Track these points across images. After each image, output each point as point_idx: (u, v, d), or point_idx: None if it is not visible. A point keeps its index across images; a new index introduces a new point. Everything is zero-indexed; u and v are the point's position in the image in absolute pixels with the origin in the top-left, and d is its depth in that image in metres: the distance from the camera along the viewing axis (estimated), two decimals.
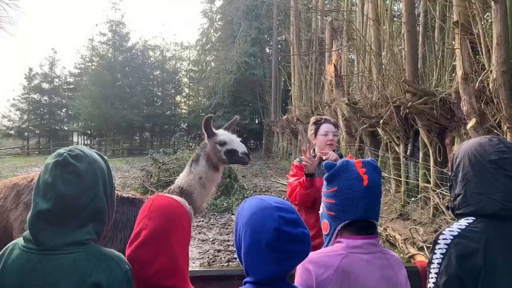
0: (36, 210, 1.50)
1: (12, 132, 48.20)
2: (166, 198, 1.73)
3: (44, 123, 48.99)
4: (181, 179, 3.81)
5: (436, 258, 1.72)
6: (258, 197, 1.57)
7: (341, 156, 3.63)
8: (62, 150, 1.58)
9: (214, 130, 3.83)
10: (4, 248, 1.57)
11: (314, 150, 3.67)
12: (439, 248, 1.72)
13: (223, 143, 3.74)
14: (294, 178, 3.60)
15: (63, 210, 1.49)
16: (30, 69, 48.95)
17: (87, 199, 1.53)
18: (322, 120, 3.69)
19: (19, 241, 1.56)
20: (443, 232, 1.75)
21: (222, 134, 3.84)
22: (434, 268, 1.72)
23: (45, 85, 49.76)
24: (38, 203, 1.50)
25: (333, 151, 3.62)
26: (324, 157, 3.46)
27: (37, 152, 46.97)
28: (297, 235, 1.44)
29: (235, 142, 3.78)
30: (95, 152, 1.66)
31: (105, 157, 1.70)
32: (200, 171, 3.74)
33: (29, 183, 3.80)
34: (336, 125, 3.72)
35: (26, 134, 48.43)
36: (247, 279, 1.49)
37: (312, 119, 3.79)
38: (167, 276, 1.55)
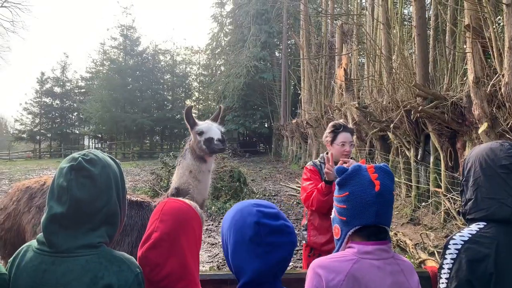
0: (51, 213, 1.52)
1: (24, 135, 48.89)
2: (178, 201, 1.74)
3: (55, 127, 49.58)
4: (174, 180, 3.77)
5: (447, 263, 1.71)
6: (237, 203, 1.63)
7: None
8: (76, 155, 1.59)
9: (196, 121, 3.77)
10: (18, 250, 1.60)
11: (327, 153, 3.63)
12: (449, 253, 1.72)
13: (200, 132, 3.65)
14: (308, 182, 3.55)
15: (77, 213, 1.51)
16: (42, 73, 49.72)
17: (100, 203, 1.55)
18: (341, 129, 3.61)
19: (33, 243, 1.58)
20: (454, 237, 1.75)
21: (202, 123, 3.76)
22: (444, 273, 1.71)
23: (57, 89, 50.42)
24: (53, 207, 1.52)
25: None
26: (345, 166, 3.41)
27: (49, 155, 47.52)
28: (278, 226, 1.48)
29: (212, 130, 3.65)
30: (108, 156, 1.68)
31: (117, 160, 1.71)
32: (187, 164, 3.68)
33: (41, 186, 3.84)
34: (353, 133, 3.68)
35: (38, 137, 49.07)
36: (238, 284, 1.49)
37: (331, 125, 3.70)
38: (178, 279, 1.56)
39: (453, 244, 1.72)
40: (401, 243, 7.44)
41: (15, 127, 52.92)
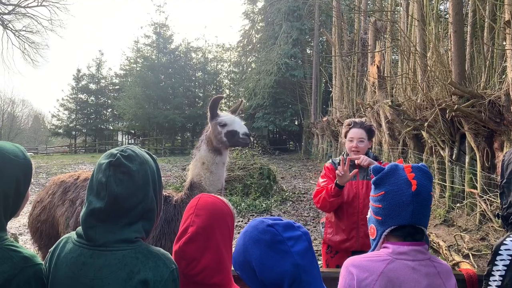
0: (90, 208, 1.56)
1: (60, 130, 50.54)
2: (211, 197, 1.76)
3: (90, 122, 50.94)
4: (189, 173, 3.77)
5: (498, 270, 1.62)
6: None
7: (375, 158, 3.56)
8: (114, 151, 1.62)
9: (218, 112, 3.76)
10: (58, 241, 1.66)
11: (348, 154, 3.60)
12: (501, 260, 1.63)
13: (223, 124, 3.62)
14: (323, 180, 3.58)
15: (115, 209, 1.54)
16: (78, 70, 51.12)
17: (137, 198, 1.57)
18: (352, 125, 3.61)
19: (72, 235, 1.63)
20: (505, 242, 1.66)
21: (224, 115, 3.74)
22: (495, 280, 1.63)
23: (92, 86, 51.76)
24: (92, 202, 1.56)
25: (367, 154, 3.55)
26: (356, 162, 3.41)
27: (84, 150, 48.87)
28: (286, 223, 1.52)
29: (236, 123, 3.64)
30: (145, 152, 1.70)
31: (154, 156, 1.74)
32: (201, 156, 3.66)
33: (75, 181, 3.98)
34: (368, 130, 3.60)
35: (73, 132, 50.56)
36: None
37: (345, 122, 3.73)
38: (213, 273, 1.57)
39: (505, 250, 1.63)
40: (434, 244, 7.28)
41: (52, 123, 54.73)
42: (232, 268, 1.63)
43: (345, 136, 3.63)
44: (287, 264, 1.40)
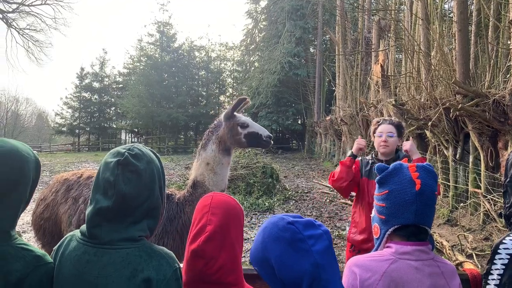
0: (97, 207, 1.55)
1: (64, 129, 50.63)
2: (224, 195, 1.75)
3: (94, 121, 51.01)
4: (192, 172, 3.78)
5: (497, 269, 1.62)
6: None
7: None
8: (121, 149, 1.62)
9: (235, 113, 3.78)
10: (63, 239, 1.66)
11: (377, 154, 3.68)
12: (500, 259, 1.63)
13: (246, 126, 3.63)
14: None
15: (122, 208, 1.54)
16: (82, 69, 51.19)
17: (144, 197, 1.58)
18: (381, 121, 3.66)
19: (76, 233, 1.63)
20: (504, 241, 1.66)
21: (242, 116, 3.77)
22: (493, 279, 1.63)
23: (96, 84, 51.81)
24: (99, 200, 1.56)
25: (396, 152, 3.60)
26: (403, 147, 3.54)
27: (87, 149, 49.02)
28: (307, 221, 1.50)
29: (257, 125, 3.72)
30: (150, 150, 1.70)
31: (158, 154, 1.74)
32: (207, 156, 3.63)
33: (78, 179, 3.99)
34: (398, 126, 3.64)
35: (77, 131, 50.64)
36: None
37: (374, 121, 3.78)
38: (229, 272, 1.56)
39: (504, 249, 1.63)
40: (437, 244, 7.27)
41: (55, 121, 54.84)
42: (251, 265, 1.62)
43: (374, 134, 3.66)
44: (307, 263, 1.38)
